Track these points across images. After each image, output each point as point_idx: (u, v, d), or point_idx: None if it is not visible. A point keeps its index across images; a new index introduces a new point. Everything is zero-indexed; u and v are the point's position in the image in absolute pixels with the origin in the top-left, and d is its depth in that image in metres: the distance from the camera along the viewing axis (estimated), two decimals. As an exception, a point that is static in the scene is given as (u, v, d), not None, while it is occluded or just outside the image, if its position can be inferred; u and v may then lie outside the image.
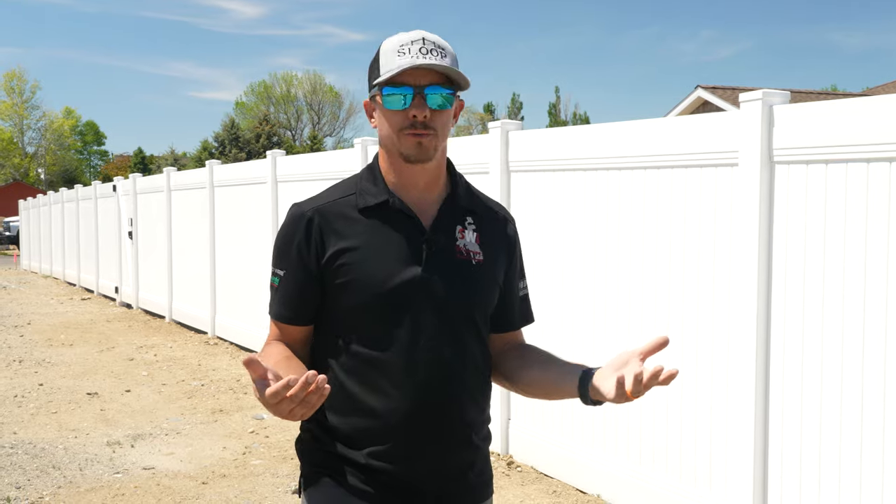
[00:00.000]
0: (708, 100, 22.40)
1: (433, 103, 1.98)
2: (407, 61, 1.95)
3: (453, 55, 2.03)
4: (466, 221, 2.12)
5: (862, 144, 3.90)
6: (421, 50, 1.96)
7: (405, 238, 2.03)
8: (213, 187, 12.04)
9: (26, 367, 10.00)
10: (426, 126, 1.98)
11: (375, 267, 2.00)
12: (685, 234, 4.80)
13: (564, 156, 5.69)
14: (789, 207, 4.24)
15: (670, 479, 4.91)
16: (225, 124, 54.78)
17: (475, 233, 2.12)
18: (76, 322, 13.93)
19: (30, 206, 27.90)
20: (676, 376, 1.78)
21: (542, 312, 5.91)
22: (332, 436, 2.06)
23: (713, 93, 22.40)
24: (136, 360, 10.38)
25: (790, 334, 4.23)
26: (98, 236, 18.03)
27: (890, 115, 3.80)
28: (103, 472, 6.09)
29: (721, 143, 4.56)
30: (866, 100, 3.95)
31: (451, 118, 2.05)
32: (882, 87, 25.80)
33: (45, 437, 7.00)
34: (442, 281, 2.04)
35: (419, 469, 2.04)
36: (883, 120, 3.82)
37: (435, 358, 2.03)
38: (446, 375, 2.04)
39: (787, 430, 4.25)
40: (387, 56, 2.00)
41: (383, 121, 2.03)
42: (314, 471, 2.10)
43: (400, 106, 1.98)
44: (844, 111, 4.00)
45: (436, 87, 1.98)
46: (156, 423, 7.43)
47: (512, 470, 5.99)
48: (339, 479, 2.05)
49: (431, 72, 1.98)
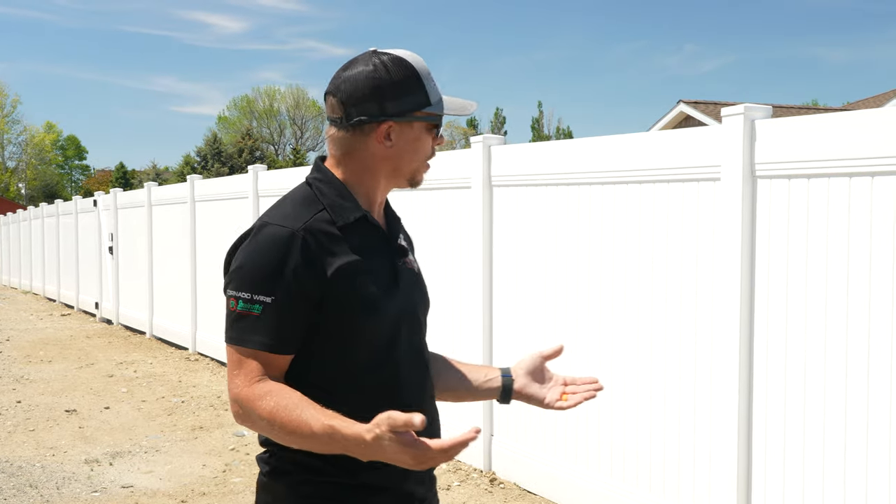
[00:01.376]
0: (690, 114, 22.52)
1: None
2: (453, 101, 2.06)
3: None
4: (401, 233, 2.16)
5: (844, 159, 3.90)
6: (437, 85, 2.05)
7: (382, 254, 2.04)
8: (194, 202, 11.98)
9: (4, 383, 9.89)
10: None
11: (370, 285, 1.96)
12: (668, 248, 4.79)
13: (547, 170, 5.68)
14: (771, 222, 4.23)
15: (653, 495, 4.88)
16: (207, 139, 54.65)
17: (405, 241, 2.17)
18: (55, 338, 13.81)
19: (9, 222, 27.72)
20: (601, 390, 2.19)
21: (525, 326, 5.89)
22: (324, 464, 1.93)
23: (695, 107, 22.53)
24: (115, 377, 10.29)
25: (773, 348, 4.22)
26: (79, 251, 17.91)
27: (871, 129, 3.81)
28: (81, 491, 6.01)
29: (703, 157, 4.56)
30: (848, 114, 3.96)
31: None
32: (863, 101, 26.00)
33: (22, 455, 6.91)
34: (412, 294, 2.09)
35: (410, 479, 2.03)
36: (864, 135, 3.83)
37: (418, 371, 2.06)
38: (426, 387, 2.09)
39: (770, 447, 4.24)
40: (426, 81, 2.02)
41: (416, 147, 2.04)
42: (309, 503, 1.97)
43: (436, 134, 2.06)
44: (826, 126, 4.00)
45: None
46: (135, 440, 7.36)
47: (495, 487, 5.96)
48: None
49: None
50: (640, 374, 4.97)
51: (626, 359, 5.07)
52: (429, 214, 6.85)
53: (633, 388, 5.01)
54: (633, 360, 5.02)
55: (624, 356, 5.08)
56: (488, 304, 6.25)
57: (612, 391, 5.14)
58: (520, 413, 5.95)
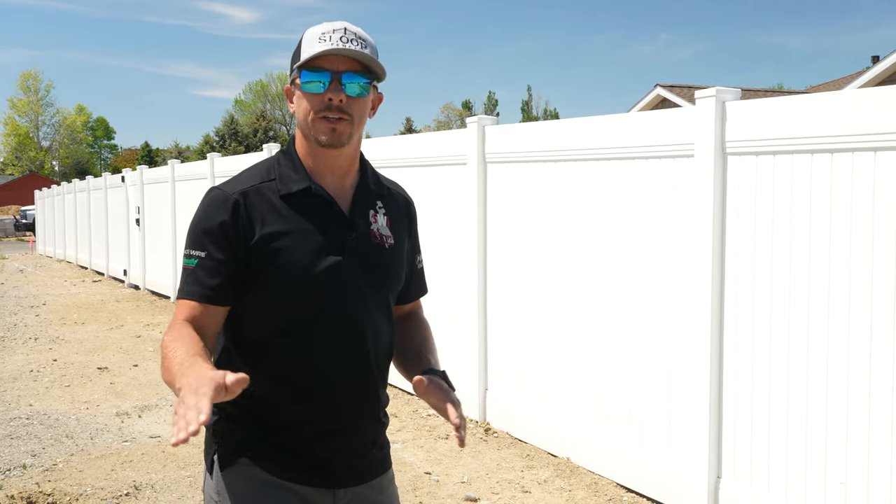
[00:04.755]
0: (666, 97, 22.40)
1: (351, 90, 1.88)
2: (326, 47, 1.85)
3: (374, 47, 1.93)
4: (377, 206, 2.04)
5: (806, 137, 3.89)
6: (342, 38, 1.86)
7: (327, 224, 1.93)
8: (214, 178, 11.92)
9: (41, 344, 9.90)
10: (342, 111, 1.88)
11: (300, 254, 1.87)
12: (646, 219, 4.78)
13: (536, 148, 5.66)
14: (740, 194, 4.23)
15: (633, 443, 4.91)
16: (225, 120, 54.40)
17: (385, 216, 2.04)
18: (88, 302, 13.81)
19: (45, 196, 27.63)
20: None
21: (516, 290, 5.90)
22: (248, 417, 1.93)
23: (671, 91, 22.41)
24: (143, 338, 10.30)
25: (741, 315, 4.23)
26: (108, 223, 17.86)
27: (831, 110, 3.79)
28: (113, 441, 6.03)
29: (679, 136, 4.54)
30: (810, 96, 3.94)
31: (368, 108, 1.95)
32: (823, 85, 25.85)
33: (58, 408, 6.93)
34: (362, 266, 1.95)
35: (333, 445, 1.95)
36: (825, 115, 3.81)
37: (353, 341, 1.93)
38: (363, 357, 1.95)
39: (739, 399, 4.26)
40: (308, 42, 1.89)
41: (301, 104, 1.91)
42: (229, 451, 1.94)
43: (317, 90, 1.87)
44: (791, 107, 3.98)
45: (353, 75, 1.88)
46: (161, 395, 7.38)
47: (489, 436, 5.98)
48: (255, 459, 1.92)
49: (350, 60, 1.88)
50: (622, 333, 4.98)
51: (608, 319, 5.07)
52: (428, 189, 6.83)
53: (614, 345, 5.02)
54: (615, 321, 5.02)
55: (607, 316, 5.09)
56: (482, 271, 6.25)
57: (597, 348, 5.16)
58: (511, 369, 5.97)
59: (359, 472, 2.01)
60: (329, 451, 1.95)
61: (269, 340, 1.91)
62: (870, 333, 3.66)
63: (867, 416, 3.68)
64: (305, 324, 1.90)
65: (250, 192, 1.90)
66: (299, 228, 1.89)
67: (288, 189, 1.92)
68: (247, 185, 1.92)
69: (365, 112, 1.93)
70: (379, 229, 2.01)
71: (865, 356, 3.68)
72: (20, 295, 14.91)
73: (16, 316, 12.22)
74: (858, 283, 3.70)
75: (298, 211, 1.91)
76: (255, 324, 1.92)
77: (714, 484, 4.37)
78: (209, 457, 1.98)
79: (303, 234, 1.89)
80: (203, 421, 1.41)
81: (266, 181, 1.93)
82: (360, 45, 1.88)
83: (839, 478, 3.79)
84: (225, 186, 1.93)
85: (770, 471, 4.10)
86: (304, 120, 1.91)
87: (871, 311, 3.66)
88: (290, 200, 1.92)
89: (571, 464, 5.34)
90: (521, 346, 5.86)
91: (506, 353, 6.04)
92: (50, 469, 5.40)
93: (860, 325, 3.70)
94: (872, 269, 3.65)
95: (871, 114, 3.64)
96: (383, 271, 2.01)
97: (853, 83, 16.52)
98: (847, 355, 3.75)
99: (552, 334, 5.54)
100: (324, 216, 1.93)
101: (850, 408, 3.74)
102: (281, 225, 1.89)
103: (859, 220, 3.70)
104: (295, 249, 1.88)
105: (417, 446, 5.82)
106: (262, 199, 1.90)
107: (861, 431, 3.71)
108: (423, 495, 4.94)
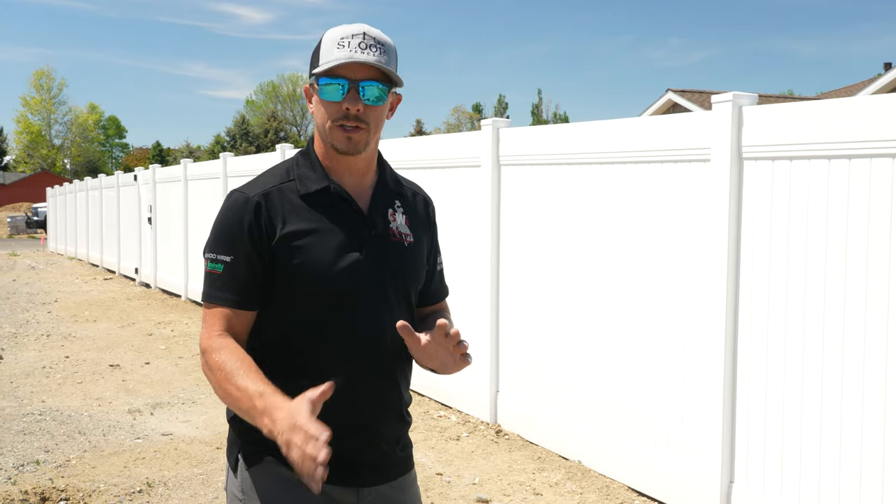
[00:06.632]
0: (677, 102, 22.38)
1: (368, 98, 1.88)
2: (345, 55, 1.85)
3: (394, 51, 1.92)
4: (396, 205, 2.04)
5: (823, 143, 3.88)
6: (360, 45, 1.86)
7: (346, 223, 1.93)
8: (226, 177, 11.95)
9: (54, 340, 9.93)
10: (359, 119, 1.88)
11: (321, 251, 1.88)
12: (661, 223, 4.77)
13: (550, 151, 5.65)
14: (756, 199, 4.21)
15: (645, 447, 4.90)
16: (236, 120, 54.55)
17: (404, 215, 2.05)
18: (99, 300, 13.84)
19: (57, 194, 27.73)
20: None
21: (529, 290, 5.89)
22: None
23: (682, 95, 22.39)
24: (154, 336, 10.32)
25: (756, 320, 4.21)
26: (120, 222, 17.91)
27: (848, 116, 3.78)
28: (125, 438, 6.05)
29: (695, 140, 4.53)
30: (827, 102, 3.93)
31: (386, 112, 1.96)
32: (835, 91, 25.77)
33: (71, 404, 6.95)
34: (381, 264, 1.95)
35: (357, 444, 1.94)
36: (843, 121, 3.80)
37: (375, 338, 1.94)
38: (385, 355, 1.96)
39: (753, 404, 4.24)
40: (327, 47, 1.89)
41: (318, 110, 1.93)
42: (255, 449, 1.93)
43: (335, 97, 1.87)
44: (807, 112, 3.97)
45: (371, 82, 1.87)
46: (173, 392, 7.39)
47: (500, 438, 5.98)
48: (280, 458, 1.84)
49: (368, 66, 1.87)
50: (635, 336, 4.97)
51: (621, 322, 5.06)
52: (441, 190, 6.83)
53: (627, 348, 5.01)
54: (628, 324, 5.01)
55: (620, 320, 5.07)
56: (495, 273, 6.24)
57: (609, 351, 5.14)
58: (522, 371, 5.96)
59: (382, 471, 2.01)
60: (353, 449, 1.94)
61: (291, 338, 1.91)
62: (886, 340, 3.64)
63: (882, 424, 3.66)
64: (327, 321, 1.90)
65: (271, 192, 1.92)
66: (319, 227, 1.90)
67: (307, 189, 1.93)
68: (267, 187, 1.93)
69: (382, 117, 1.94)
70: (398, 227, 2.02)
71: (881, 363, 3.66)
72: (32, 292, 14.96)
73: (28, 313, 12.26)
74: (875, 290, 3.69)
75: (318, 210, 1.92)
76: (279, 322, 1.92)
77: (727, 488, 4.35)
78: (233, 455, 1.99)
79: (322, 233, 1.90)
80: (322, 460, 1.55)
81: (286, 182, 1.95)
82: (378, 51, 1.88)
83: (853, 486, 3.77)
84: (246, 189, 1.95)
85: (783, 476, 4.08)
86: (321, 126, 1.93)
87: (887, 318, 3.64)
88: (309, 200, 1.93)
89: (583, 467, 5.32)
90: (533, 348, 5.85)
91: (517, 356, 6.03)
92: (63, 465, 5.41)
93: (876, 333, 3.68)
94: (889, 274, 3.63)
95: (889, 120, 3.63)
96: (403, 269, 2.01)
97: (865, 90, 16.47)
98: (863, 362, 3.73)
99: (564, 337, 5.53)
100: (343, 214, 1.94)
101: (864, 414, 3.72)
102: (301, 224, 1.90)
103: (876, 225, 3.68)
104: (315, 247, 1.89)
105: (429, 447, 5.82)
106: (283, 199, 1.92)
107: (876, 440, 3.69)
108: (434, 496, 4.93)
